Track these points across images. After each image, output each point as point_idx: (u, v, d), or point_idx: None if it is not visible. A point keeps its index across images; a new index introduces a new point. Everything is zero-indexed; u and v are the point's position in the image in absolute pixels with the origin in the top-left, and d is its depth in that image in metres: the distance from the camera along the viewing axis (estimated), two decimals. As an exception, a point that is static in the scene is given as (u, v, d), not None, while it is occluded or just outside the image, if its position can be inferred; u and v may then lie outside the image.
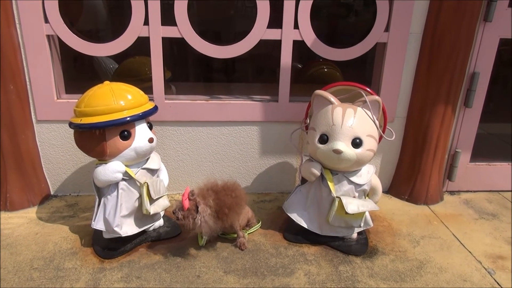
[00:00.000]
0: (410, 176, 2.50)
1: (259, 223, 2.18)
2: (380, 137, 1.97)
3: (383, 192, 2.19)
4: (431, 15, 2.22)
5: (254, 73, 3.63)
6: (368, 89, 1.92)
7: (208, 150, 2.45)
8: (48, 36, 2.15)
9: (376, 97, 1.85)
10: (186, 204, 1.74)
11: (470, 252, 2.01)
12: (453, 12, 2.16)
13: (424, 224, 2.26)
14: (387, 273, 1.83)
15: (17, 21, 2.09)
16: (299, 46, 2.29)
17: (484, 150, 2.65)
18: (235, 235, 2.01)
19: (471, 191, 2.67)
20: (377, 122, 1.88)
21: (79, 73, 3.18)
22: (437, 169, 2.47)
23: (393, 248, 2.01)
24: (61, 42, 2.22)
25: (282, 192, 2.57)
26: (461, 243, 2.08)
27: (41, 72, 2.19)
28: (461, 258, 1.96)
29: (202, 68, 3.58)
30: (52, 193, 2.47)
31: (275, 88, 2.37)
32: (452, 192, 2.65)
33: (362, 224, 1.95)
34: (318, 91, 1.91)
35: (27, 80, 2.20)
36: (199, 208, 1.74)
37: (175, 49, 3.37)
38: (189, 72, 3.57)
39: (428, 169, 2.45)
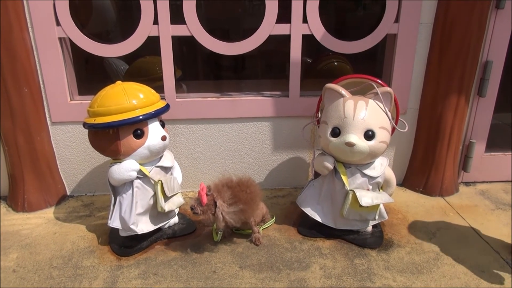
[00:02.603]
0: (424, 168, 2.48)
1: (273, 218, 2.18)
2: (393, 129, 1.95)
3: (397, 184, 2.16)
4: (441, 4, 2.19)
5: (263, 70, 3.63)
6: (379, 81, 1.91)
7: (220, 147, 2.46)
8: (60, 39, 2.18)
9: (388, 89, 1.84)
10: (205, 199, 1.75)
11: (487, 243, 1.99)
12: (463, 0, 2.13)
13: (440, 216, 2.24)
14: (403, 265, 1.82)
15: (29, 25, 2.12)
16: (308, 41, 2.28)
17: (499, 140, 2.62)
18: (250, 231, 2.01)
19: (486, 182, 2.63)
20: (389, 113, 1.86)
21: (90, 75, 3.21)
22: (452, 160, 2.45)
23: (409, 240, 2.00)
24: (72, 45, 2.24)
25: (295, 187, 2.57)
26: (478, 234, 2.06)
27: (54, 75, 2.22)
28: (479, 249, 1.94)
29: (212, 66, 3.59)
30: (68, 193, 2.50)
31: (285, 84, 2.37)
32: (467, 183, 2.63)
33: (376, 217, 1.94)
34: (329, 85, 1.91)
35: (41, 82, 2.23)
36: (217, 203, 1.75)
37: (184, 48, 3.38)
38: (199, 71, 3.58)
39: (443, 160, 2.43)
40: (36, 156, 2.28)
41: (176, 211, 2.09)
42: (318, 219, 2.00)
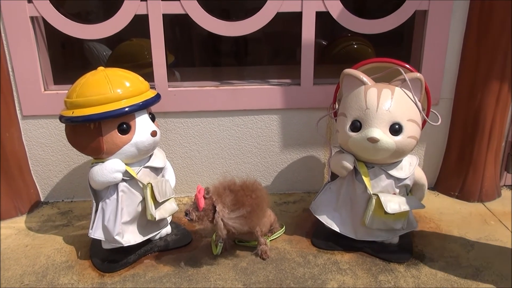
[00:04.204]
0: (460, 169, 2.47)
1: (282, 228, 2.18)
2: (424, 122, 1.94)
3: (428, 188, 2.16)
4: (480, -25, 2.19)
5: (270, 54, 3.63)
6: (407, 66, 1.90)
7: (220, 145, 2.46)
8: (32, 18, 2.18)
9: (418, 75, 1.82)
10: (202, 202, 1.74)
11: (536, 256, 1.98)
12: (507, -30, 2.12)
13: (479, 225, 2.23)
14: (436, 283, 1.80)
15: (-4, 2, 2.13)
16: (323, 19, 2.27)
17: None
18: (255, 243, 2.01)
19: (534, 185, 2.63)
20: (419, 104, 1.85)
21: (68, 62, 3.22)
22: (493, 159, 2.43)
23: (443, 254, 1.99)
24: (47, 25, 2.24)
25: (309, 192, 2.57)
26: (524, 246, 2.05)
27: (25, 60, 2.22)
28: (526, 264, 1.93)
29: (210, 51, 3.59)
30: (42, 199, 2.51)
31: (296, 70, 2.37)
32: (511, 187, 2.61)
33: (405, 226, 1.93)
34: (348, 70, 1.89)
35: (10, 70, 2.24)
36: (216, 208, 1.75)
37: (178, 29, 3.39)
38: (195, 56, 3.59)
39: (482, 159, 2.41)
40: (4, 156, 2.27)
41: (169, 219, 2.09)
42: (336, 228, 1.99)
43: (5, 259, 1.98)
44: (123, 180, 1.81)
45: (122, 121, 1.76)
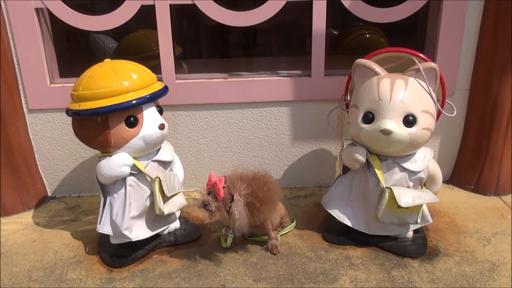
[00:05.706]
0: (476, 161, 2.46)
1: (293, 222, 2.18)
2: (439, 113, 1.93)
3: (443, 181, 2.15)
4: (497, -40, 2.17)
5: (279, 46, 3.62)
6: (422, 55, 1.89)
7: (229, 138, 2.47)
8: (37, 10, 2.20)
9: (432, 64, 1.82)
10: (222, 192, 1.74)
11: (554, 251, 1.97)
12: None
13: (496, 219, 2.22)
14: (451, 278, 1.80)
15: (1, -6, 2.15)
16: (334, 8, 2.26)
17: None
18: (266, 237, 2.02)
19: (553, 178, 2.60)
20: (434, 94, 1.85)
21: (74, 55, 3.24)
22: (510, 151, 2.41)
23: (458, 248, 1.99)
24: (52, 17, 2.26)
25: (320, 186, 2.57)
26: (543, 241, 2.04)
27: (30, 53, 2.24)
28: (544, 259, 1.92)
29: (218, 42, 3.59)
30: (49, 194, 2.54)
31: (307, 61, 2.36)
32: (529, 180, 2.59)
33: (419, 220, 1.93)
34: (360, 60, 1.89)
35: (15, 62, 2.26)
36: (234, 197, 1.75)
37: (185, 20, 3.39)
38: (203, 47, 3.59)
39: (499, 151, 2.40)
40: (10, 151, 2.30)
41: (178, 214, 2.10)
42: (348, 223, 2.00)
43: (13, 254, 2.01)
44: (131, 174, 1.83)
45: (129, 114, 1.78)
